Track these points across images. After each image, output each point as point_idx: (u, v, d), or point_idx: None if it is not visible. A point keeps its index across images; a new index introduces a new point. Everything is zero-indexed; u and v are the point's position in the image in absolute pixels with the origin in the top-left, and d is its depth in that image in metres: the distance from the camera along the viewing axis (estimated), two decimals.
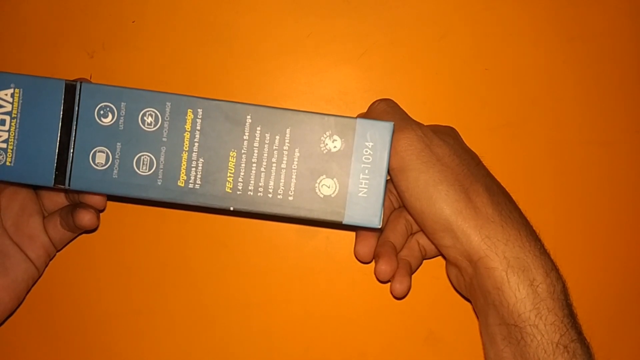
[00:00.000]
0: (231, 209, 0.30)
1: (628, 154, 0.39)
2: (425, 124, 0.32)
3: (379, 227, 0.30)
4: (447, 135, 0.33)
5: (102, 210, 0.36)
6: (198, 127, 0.30)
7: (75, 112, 0.30)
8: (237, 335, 0.39)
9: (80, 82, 0.30)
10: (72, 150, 0.30)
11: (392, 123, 0.30)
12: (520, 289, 0.29)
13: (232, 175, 0.30)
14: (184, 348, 0.39)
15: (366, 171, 0.30)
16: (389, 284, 0.35)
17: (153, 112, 0.30)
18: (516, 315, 0.29)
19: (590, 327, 0.37)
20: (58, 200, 0.36)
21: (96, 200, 0.34)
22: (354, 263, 0.39)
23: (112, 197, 0.36)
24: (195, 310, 0.39)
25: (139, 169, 0.30)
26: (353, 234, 0.36)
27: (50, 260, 0.36)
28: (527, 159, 0.39)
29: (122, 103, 0.30)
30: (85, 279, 0.39)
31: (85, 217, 0.33)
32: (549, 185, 0.39)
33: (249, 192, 0.30)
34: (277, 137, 0.30)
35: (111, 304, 0.39)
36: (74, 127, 0.30)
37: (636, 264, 0.39)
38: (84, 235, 0.38)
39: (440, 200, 0.30)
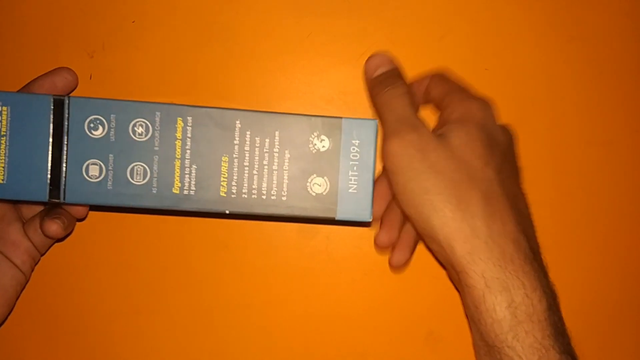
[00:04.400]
0: (227, 212, 0.31)
1: (628, 153, 0.39)
2: (426, 122, 0.32)
3: (370, 220, 0.31)
4: (457, 131, 0.30)
5: (82, 219, 0.36)
6: (189, 135, 0.30)
7: (66, 127, 0.30)
8: (237, 335, 0.39)
9: (69, 97, 0.30)
10: (64, 165, 0.30)
11: (376, 121, 0.31)
12: (496, 311, 0.28)
13: (225, 179, 0.31)
14: (184, 348, 0.39)
15: (354, 168, 0.31)
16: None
17: (143, 122, 0.30)
18: (493, 335, 0.28)
19: (589, 327, 0.37)
20: (35, 206, 0.35)
21: (78, 210, 0.34)
22: (354, 263, 0.39)
23: (112, 209, 0.36)
24: (196, 311, 0.39)
25: (133, 179, 0.30)
26: (353, 234, 0.36)
27: (36, 264, 0.36)
28: (527, 159, 0.39)
29: (112, 115, 0.30)
30: (86, 279, 0.39)
31: (51, 228, 0.32)
32: (549, 185, 0.39)
33: (243, 195, 0.31)
34: (267, 140, 0.31)
35: (111, 304, 0.39)
36: (65, 142, 0.30)
37: (636, 263, 0.39)
38: (84, 235, 0.38)
39: (427, 210, 0.29)
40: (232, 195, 0.31)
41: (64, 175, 0.30)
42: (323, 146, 0.31)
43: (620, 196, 0.39)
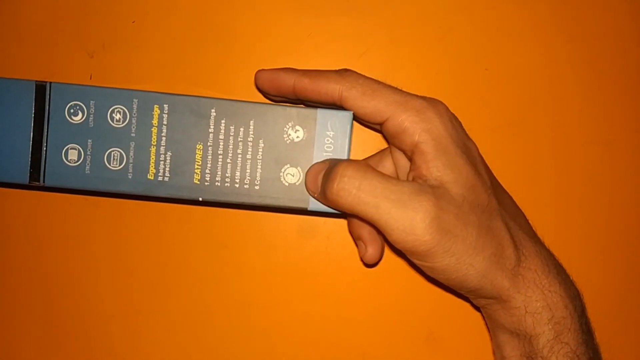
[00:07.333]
0: (200, 199, 0.31)
1: (628, 153, 0.39)
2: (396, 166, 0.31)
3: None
4: (445, 171, 0.28)
5: None
6: (165, 122, 0.31)
7: (47, 112, 0.31)
8: (237, 335, 0.39)
9: (50, 83, 0.31)
10: (45, 148, 0.31)
11: (351, 112, 0.31)
12: (536, 328, 0.29)
13: (199, 167, 0.31)
14: (184, 348, 0.39)
15: (328, 159, 0.31)
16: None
17: (121, 109, 0.31)
18: (529, 349, 0.29)
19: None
20: None
21: None
22: (354, 263, 0.39)
23: (90, 193, 0.36)
24: (196, 310, 0.39)
25: (109, 164, 0.31)
26: None
27: None
28: (528, 159, 0.39)
29: (91, 101, 0.31)
30: (86, 279, 0.39)
31: None
32: (549, 185, 0.39)
33: (216, 183, 0.31)
34: (242, 129, 0.31)
35: (111, 304, 0.39)
36: (45, 126, 0.31)
37: (637, 263, 0.39)
38: (84, 235, 0.38)
39: (471, 276, 0.28)
40: (206, 183, 0.31)
41: (44, 158, 0.31)
42: (297, 136, 0.31)
43: (621, 196, 0.39)
